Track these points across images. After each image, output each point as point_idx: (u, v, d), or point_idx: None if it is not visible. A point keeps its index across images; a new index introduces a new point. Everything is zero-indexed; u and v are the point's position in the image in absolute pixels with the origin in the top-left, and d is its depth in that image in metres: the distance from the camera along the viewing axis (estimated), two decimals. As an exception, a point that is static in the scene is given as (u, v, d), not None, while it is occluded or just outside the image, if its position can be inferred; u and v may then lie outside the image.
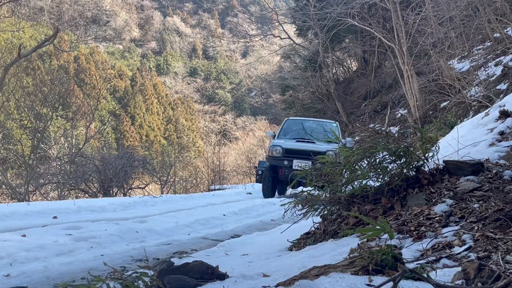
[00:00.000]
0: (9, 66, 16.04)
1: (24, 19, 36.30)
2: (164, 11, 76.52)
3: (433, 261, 2.06)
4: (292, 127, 11.58)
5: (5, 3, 17.86)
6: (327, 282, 1.77)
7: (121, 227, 4.87)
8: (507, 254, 1.95)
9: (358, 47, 22.40)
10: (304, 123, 11.69)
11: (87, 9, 61.32)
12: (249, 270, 2.53)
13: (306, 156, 9.08)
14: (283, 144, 10.12)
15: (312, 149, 9.11)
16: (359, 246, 2.46)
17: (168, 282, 2.09)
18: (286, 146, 10.05)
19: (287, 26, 26.81)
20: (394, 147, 3.23)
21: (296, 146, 10.05)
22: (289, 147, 10.01)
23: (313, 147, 9.62)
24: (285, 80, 27.08)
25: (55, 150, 19.41)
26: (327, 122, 12.14)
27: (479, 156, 3.53)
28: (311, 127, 11.18)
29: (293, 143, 10.23)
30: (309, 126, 11.30)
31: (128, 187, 15.40)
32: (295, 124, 11.71)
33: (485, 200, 2.74)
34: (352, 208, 3.25)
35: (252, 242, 4.06)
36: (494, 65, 12.74)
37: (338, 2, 17.22)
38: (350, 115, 22.14)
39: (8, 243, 3.73)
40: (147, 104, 51.57)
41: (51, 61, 44.14)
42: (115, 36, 69.04)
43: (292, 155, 9.78)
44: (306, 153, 9.27)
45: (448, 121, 11.55)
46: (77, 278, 3.10)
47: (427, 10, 13.79)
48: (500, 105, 4.65)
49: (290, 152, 9.89)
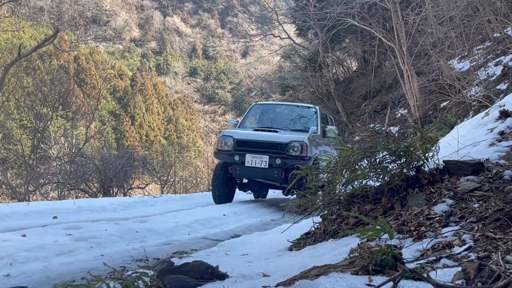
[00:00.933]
0: (9, 66, 16.05)
1: (24, 19, 36.29)
2: (164, 11, 76.51)
3: (433, 261, 2.06)
4: (261, 114, 9.45)
5: (5, 3, 17.86)
6: (327, 282, 1.77)
7: (121, 227, 4.87)
8: (507, 254, 1.95)
9: (358, 47, 22.39)
10: (275, 108, 9.52)
11: (87, 9, 61.32)
12: (249, 270, 2.53)
13: (263, 149, 7.47)
14: (234, 134, 7.85)
15: (270, 140, 7.54)
16: (359, 246, 2.46)
17: (168, 282, 2.09)
18: (239, 136, 7.75)
19: (287, 26, 26.80)
20: (394, 147, 3.23)
21: (251, 136, 7.79)
22: (241, 138, 7.71)
23: (272, 137, 7.66)
24: (285, 80, 27.08)
25: (55, 150, 19.41)
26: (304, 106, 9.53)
27: (479, 156, 3.53)
28: (283, 113, 9.07)
29: (248, 133, 7.99)
30: (280, 112, 9.17)
31: (128, 187, 15.40)
32: (264, 110, 9.49)
33: (485, 200, 2.74)
34: (352, 208, 3.25)
35: (252, 242, 4.06)
36: (494, 65, 12.74)
37: (338, 2, 17.22)
38: (350, 115, 22.15)
39: (8, 243, 3.73)
40: (147, 104, 51.59)
41: (51, 61, 44.14)
42: (115, 36, 69.04)
43: (245, 149, 7.55)
44: (262, 145, 7.53)
45: (448, 121, 11.55)
46: (77, 278, 3.10)
47: (427, 10, 13.79)
48: (500, 105, 4.65)
49: (242, 145, 7.63)
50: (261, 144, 7.57)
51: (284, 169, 7.42)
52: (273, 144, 7.54)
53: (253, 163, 7.43)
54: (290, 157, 7.38)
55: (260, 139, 7.65)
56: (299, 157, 7.35)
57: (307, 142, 7.50)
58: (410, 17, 14.28)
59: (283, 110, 9.25)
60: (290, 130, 8.22)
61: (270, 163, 7.37)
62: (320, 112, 9.00)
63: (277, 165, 7.36)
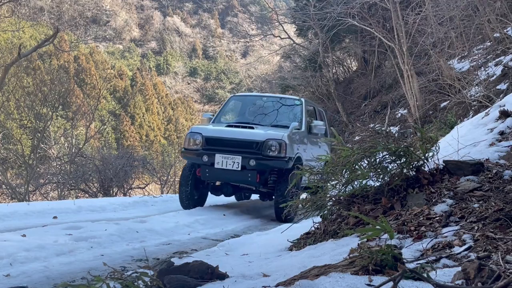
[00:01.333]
0: (9, 66, 16.05)
1: (24, 19, 36.27)
2: (164, 11, 76.52)
3: (433, 261, 2.06)
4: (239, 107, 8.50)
5: (5, 3, 17.86)
6: (327, 282, 1.77)
7: (121, 227, 4.87)
8: (507, 254, 1.95)
9: (358, 47, 22.40)
10: (255, 100, 8.42)
11: (87, 9, 61.32)
12: (249, 270, 2.53)
13: (235, 148, 6.54)
14: (203, 130, 6.86)
15: (244, 138, 6.58)
16: (359, 246, 2.46)
17: (168, 282, 2.09)
18: (208, 133, 6.78)
19: (287, 26, 26.80)
20: (394, 147, 3.23)
21: (222, 133, 6.82)
22: (211, 136, 6.75)
23: (246, 134, 6.69)
24: (285, 80, 27.08)
25: (55, 150, 19.42)
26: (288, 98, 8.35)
27: (479, 156, 3.53)
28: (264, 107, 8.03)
29: (219, 129, 6.99)
30: (261, 105, 8.11)
31: (128, 187, 15.39)
32: (244, 103, 8.46)
33: (485, 200, 2.74)
34: (352, 208, 3.25)
35: (252, 242, 4.06)
36: (494, 65, 12.74)
37: (338, 2, 17.22)
38: (350, 115, 22.15)
39: (8, 243, 3.73)
40: (147, 104, 51.61)
41: (51, 61, 44.12)
42: (115, 36, 69.06)
43: (215, 148, 6.61)
44: (234, 143, 6.57)
45: (448, 121, 11.55)
46: (77, 278, 3.10)
47: (427, 10, 13.79)
48: (500, 105, 4.65)
49: (212, 143, 6.67)
50: (234, 142, 6.59)
51: (259, 172, 6.58)
52: (247, 142, 6.55)
53: (223, 164, 6.46)
54: (267, 157, 6.47)
55: (232, 137, 6.65)
56: (277, 158, 6.47)
57: (287, 140, 6.55)
58: (410, 17, 14.28)
59: (264, 102, 8.16)
60: (270, 126, 7.27)
61: (243, 165, 6.42)
62: (305, 105, 7.94)
63: (251, 167, 6.43)
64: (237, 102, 8.71)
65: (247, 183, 6.80)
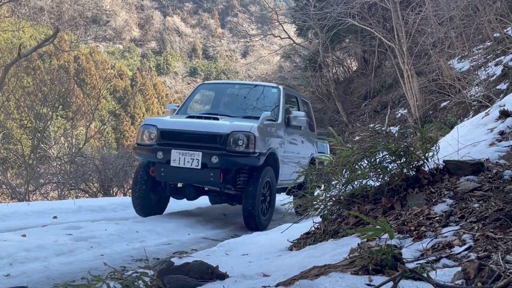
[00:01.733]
0: (9, 66, 16.05)
1: (24, 19, 36.29)
2: (164, 11, 76.56)
3: (433, 261, 2.06)
4: (209, 96, 7.69)
5: (5, 3, 17.86)
6: (327, 282, 1.77)
7: (121, 227, 4.87)
8: (507, 254, 1.95)
9: (358, 47, 22.41)
10: (226, 89, 7.49)
11: (87, 9, 61.33)
12: (249, 270, 2.53)
13: (194, 143, 5.54)
14: (159, 122, 5.87)
15: (205, 131, 5.55)
16: (359, 246, 2.46)
17: (168, 282, 2.10)
18: (164, 125, 5.79)
19: (287, 26, 26.81)
20: (394, 147, 3.23)
21: (180, 125, 5.81)
22: (167, 128, 5.76)
23: (208, 126, 5.64)
24: (285, 80, 27.09)
25: (55, 150, 19.42)
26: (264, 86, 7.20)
27: (479, 156, 3.53)
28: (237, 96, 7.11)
29: (176, 121, 5.99)
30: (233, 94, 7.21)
31: (128, 187, 15.39)
32: (215, 92, 7.60)
33: (485, 200, 2.74)
34: (352, 208, 3.25)
35: (252, 242, 4.06)
36: (494, 65, 12.75)
37: (338, 2, 17.22)
38: (350, 115, 22.15)
39: (8, 243, 3.73)
40: (147, 104, 51.63)
41: (51, 61, 44.15)
42: (115, 36, 69.07)
43: (172, 142, 5.64)
44: (193, 137, 5.57)
45: (448, 121, 11.56)
46: (77, 278, 3.10)
47: (427, 10, 13.79)
48: (500, 105, 4.65)
49: (169, 137, 5.70)
50: (193, 136, 5.57)
51: (223, 170, 5.57)
52: (208, 136, 5.52)
53: (181, 162, 5.46)
54: (232, 153, 5.45)
55: (191, 129, 5.63)
56: (244, 154, 5.46)
57: (256, 132, 5.53)
58: (410, 17, 14.29)
59: (237, 91, 7.20)
60: (241, 118, 6.23)
61: (204, 162, 5.42)
62: (284, 94, 6.92)
63: (213, 164, 5.42)
64: (207, 91, 7.77)
65: (208, 183, 5.79)
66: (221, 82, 8.64)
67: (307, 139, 7.75)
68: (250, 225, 5.65)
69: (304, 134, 7.50)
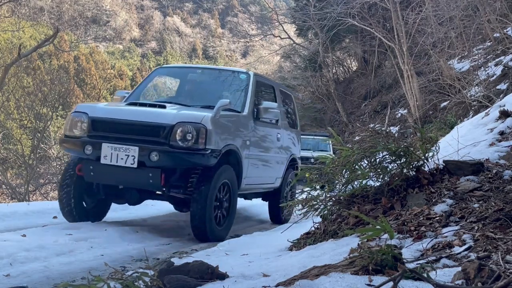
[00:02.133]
0: (9, 66, 16.06)
1: (24, 19, 36.29)
2: (164, 11, 76.60)
3: (433, 261, 2.06)
4: (167, 83, 6.93)
5: (5, 3, 17.87)
6: (327, 282, 1.78)
7: (121, 227, 4.88)
8: (507, 254, 1.95)
9: (358, 47, 22.42)
10: (187, 74, 6.42)
11: (87, 9, 61.37)
12: (249, 270, 2.53)
13: (130, 135, 4.52)
14: (90, 109, 4.84)
15: (143, 121, 4.53)
16: (359, 246, 2.46)
17: (168, 282, 2.10)
18: (96, 114, 4.76)
19: (287, 26, 26.82)
20: (394, 147, 3.23)
21: (114, 114, 4.74)
22: (99, 117, 4.74)
23: (148, 115, 4.59)
24: (285, 80, 27.10)
25: (55, 150, 19.41)
26: (232, 71, 6.19)
27: (479, 156, 3.53)
28: (199, 82, 6.15)
29: (112, 109, 4.88)
30: (194, 81, 6.23)
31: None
32: (173, 78, 6.74)
33: (485, 200, 2.74)
34: (352, 208, 3.25)
35: (252, 242, 4.06)
36: (494, 65, 12.75)
37: (338, 2, 17.23)
38: (350, 115, 22.16)
39: (8, 243, 3.73)
40: (147, 104, 51.59)
41: (51, 61, 44.15)
42: (115, 36, 69.10)
43: (104, 134, 4.65)
44: (129, 128, 4.55)
45: (448, 121, 11.57)
46: (77, 278, 3.10)
47: (427, 10, 13.79)
48: (500, 105, 4.65)
49: (100, 127, 4.70)
50: (130, 127, 4.54)
51: (165, 170, 4.55)
52: (149, 127, 4.50)
53: (113, 158, 4.47)
54: (177, 149, 4.41)
55: (128, 119, 4.58)
56: (192, 150, 4.41)
57: (209, 124, 4.49)
58: (410, 17, 14.29)
59: (199, 77, 6.18)
60: (199, 108, 5.16)
61: (142, 160, 4.41)
62: (254, 81, 5.80)
63: (152, 163, 4.41)
64: (164, 76, 6.83)
65: (147, 186, 4.69)
66: (181, 65, 6.90)
67: (286, 137, 6.64)
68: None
69: (282, 131, 6.44)
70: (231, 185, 4.95)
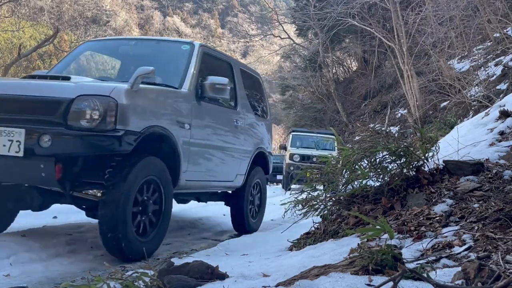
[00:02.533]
0: (9, 66, 16.07)
1: (24, 19, 36.28)
2: (164, 11, 76.64)
3: (433, 261, 2.06)
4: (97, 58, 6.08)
5: (5, 3, 17.88)
6: (327, 282, 1.78)
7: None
8: (507, 254, 1.95)
9: (358, 47, 22.42)
10: (119, 46, 5.35)
11: (87, 9, 61.38)
12: (249, 270, 2.53)
13: (16, 115, 3.35)
14: None
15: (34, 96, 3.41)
16: (359, 246, 2.46)
17: (168, 282, 2.10)
18: None
19: (287, 26, 26.83)
20: (394, 147, 3.23)
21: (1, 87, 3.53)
22: None
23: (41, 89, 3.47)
24: (285, 80, 27.11)
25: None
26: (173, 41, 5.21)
27: (479, 156, 3.53)
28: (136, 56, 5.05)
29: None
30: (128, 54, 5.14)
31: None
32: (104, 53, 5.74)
33: (485, 200, 2.74)
34: (352, 208, 3.25)
35: (252, 242, 4.06)
36: (494, 65, 12.76)
37: (338, 2, 17.23)
38: (350, 115, 22.16)
39: (8, 243, 3.73)
40: (147, 104, 51.58)
41: (51, 61, 44.15)
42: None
43: None
44: (17, 106, 3.41)
45: (448, 121, 11.57)
46: (77, 278, 3.09)
47: (427, 10, 13.79)
48: (500, 105, 4.65)
49: None
50: (18, 103, 3.43)
51: (60, 160, 3.33)
52: (41, 103, 3.37)
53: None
54: (76, 131, 3.27)
55: (16, 93, 3.47)
56: (96, 132, 3.28)
57: (121, 98, 3.38)
58: (410, 17, 14.30)
59: (133, 49, 5.16)
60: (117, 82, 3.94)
61: (30, 147, 3.26)
62: (200, 52, 4.70)
63: (43, 150, 3.25)
64: (93, 52, 5.77)
65: (38, 181, 3.55)
66: (113, 38, 5.70)
67: (249, 125, 5.53)
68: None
69: (242, 117, 5.36)
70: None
